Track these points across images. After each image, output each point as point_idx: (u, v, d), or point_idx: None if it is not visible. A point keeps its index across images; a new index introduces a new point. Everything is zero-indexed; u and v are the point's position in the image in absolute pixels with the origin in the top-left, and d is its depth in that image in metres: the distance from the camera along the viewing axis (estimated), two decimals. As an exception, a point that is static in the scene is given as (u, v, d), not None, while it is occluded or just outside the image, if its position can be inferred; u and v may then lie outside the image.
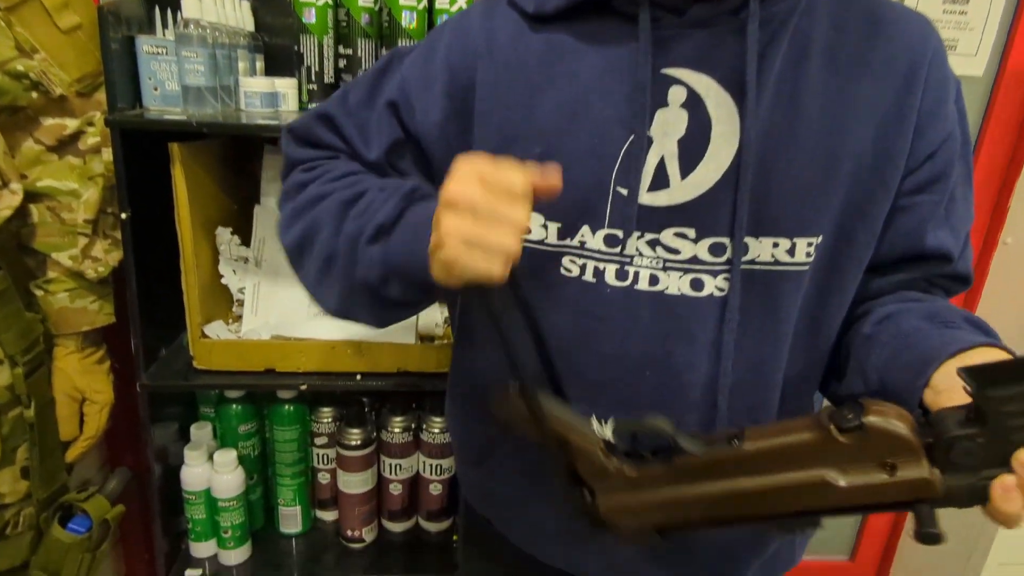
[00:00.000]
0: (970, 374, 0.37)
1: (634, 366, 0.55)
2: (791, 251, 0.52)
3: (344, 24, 0.99)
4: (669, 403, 0.55)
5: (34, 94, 0.81)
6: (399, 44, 0.95)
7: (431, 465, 1.10)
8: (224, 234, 0.96)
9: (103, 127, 0.86)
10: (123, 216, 0.84)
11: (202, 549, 1.06)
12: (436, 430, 1.08)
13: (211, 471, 1.02)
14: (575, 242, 0.54)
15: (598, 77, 0.53)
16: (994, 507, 0.38)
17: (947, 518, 0.39)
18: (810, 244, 0.53)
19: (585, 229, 0.54)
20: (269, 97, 0.95)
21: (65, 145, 0.85)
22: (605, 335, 0.55)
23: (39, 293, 0.88)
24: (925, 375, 0.47)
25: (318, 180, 0.57)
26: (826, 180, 0.52)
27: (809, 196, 0.51)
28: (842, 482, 0.40)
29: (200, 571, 1.05)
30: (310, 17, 0.97)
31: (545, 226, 0.55)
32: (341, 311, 0.58)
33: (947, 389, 0.44)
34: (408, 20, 0.94)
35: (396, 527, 1.15)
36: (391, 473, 1.10)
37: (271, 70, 1.08)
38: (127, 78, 0.85)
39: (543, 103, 0.54)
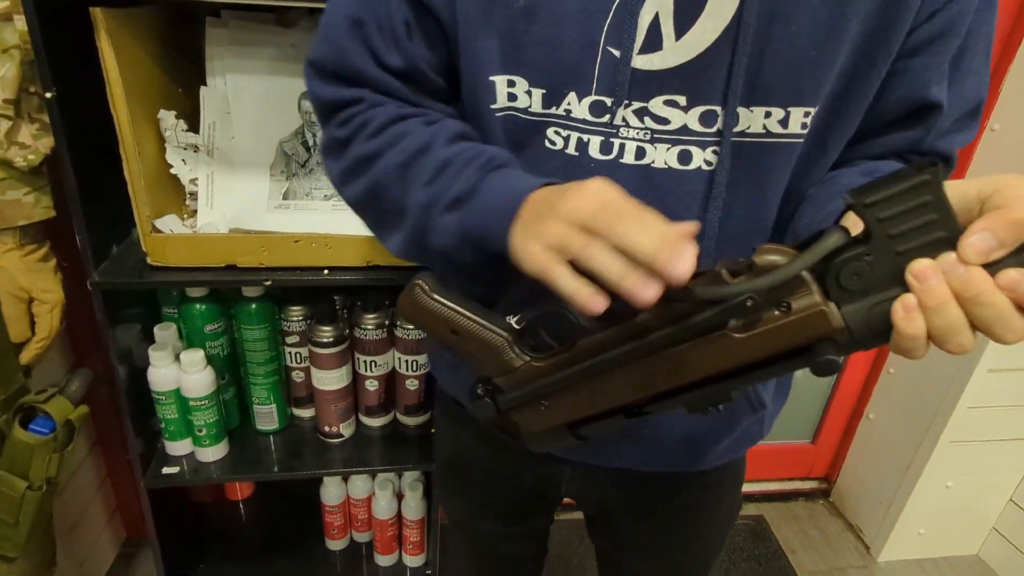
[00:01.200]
0: (851, 191, 0.34)
1: None
2: (783, 122, 0.48)
3: None
4: None
5: (-79, -54, 0.69)
6: None
7: (407, 361, 1.09)
8: (168, 118, 0.87)
9: (11, -11, 0.75)
10: (48, 96, 0.75)
11: (178, 448, 1.05)
12: (411, 326, 1.06)
13: (179, 371, 0.99)
14: (560, 111, 0.50)
15: None
16: (897, 332, 0.35)
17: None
18: (806, 115, 0.48)
19: (571, 96, 0.49)
20: (206, -42, 0.83)
21: (-31, 11, 0.74)
22: None
23: (-36, 184, 0.80)
24: (834, 217, 0.44)
25: (358, 136, 0.52)
26: (828, 45, 0.46)
27: (808, 62, 0.47)
28: (740, 334, 0.38)
29: (178, 468, 1.04)
30: None
31: (529, 92, 0.50)
32: (407, 258, 0.54)
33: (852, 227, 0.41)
34: None
35: (374, 422, 1.15)
36: (366, 370, 1.09)
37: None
38: (32, -72, 0.72)
39: None
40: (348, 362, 1.07)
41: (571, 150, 0.50)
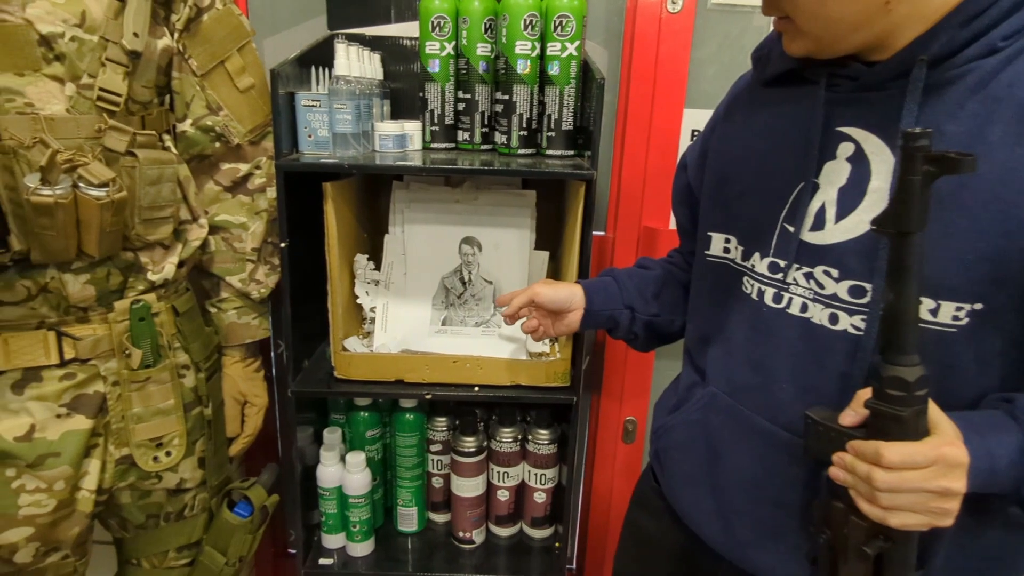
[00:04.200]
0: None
1: (774, 376, 0.63)
2: (934, 312, 0.54)
3: (464, 72, 1.11)
4: (796, 418, 0.61)
5: (217, 144, 0.97)
6: (513, 89, 1.06)
7: (536, 474, 1.18)
8: (362, 260, 1.09)
9: (269, 170, 1.01)
10: (283, 245, 0.99)
11: (333, 541, 1.18)
12: (542, 441, 1.16)
13: (343, 471, 1.14)
14: (749, 264, 0.66)
15: (783, 132, 0.64)
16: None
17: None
18: (959, 309, 0.53)
19: (756, 255, 0.65)
20: (399, 139, 1.08)
21: (238, 185, 1.01)
22: (758, 345, 0.65)
23: (213, 310, 1.03)
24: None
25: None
26: (988, 250, 0.51)
27: (963, 263, 0.52)
28: None
29: (332, 560, 1.17)
30: (434, 67, 1.10)
31: (737, 248, 0.68)
32: None
33: None
34: (523, 67, 1.04)
35: (502, 531, 1.23)
36: (499, 480, 1.19)
37: (395, 112, 1.22)
38: (288, 128, 0.99)
39: (743, 151, 0.68)
40: (485, 471, 1.18)
41: (754, 296, 0.65)
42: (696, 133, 1.29)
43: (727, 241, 0.70)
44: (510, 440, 1.17)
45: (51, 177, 0.74)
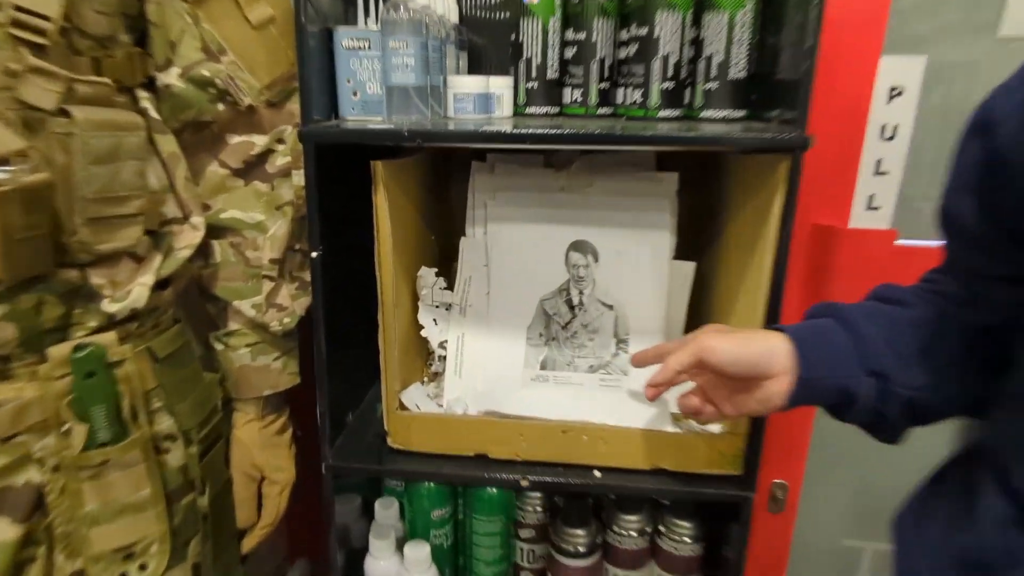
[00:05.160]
0: None
1: None
2: None
3: (576, 1, 0.77)
4: None
5: (220, 106, 0.66)
6: (654, 18, 0.70)
7: (672, 583, 0.82)
8: (428, 275, 0.76)
9: (294, 145, 0.70)
10: (314, 255, 0.67)
11: (387, 660, 0.86)
12: (682, 538, 0.80)
13: (399, 566, 0.82)
14: None
15: None
16: None
17: None
18: None
19: None
20: (482, 100, 0.74)
21: (252, 168, 0.70)
22: None
23: (218, 347, 0.73)
24: None
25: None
26: None
27: None
28: None
29: None
30: (534, -4, 0.76)
31: None
32: None
33: None
34: (670, -16, 0.68)
35: (620, 657, 0.88)
36: (617, 586, 0.84)
37: (473, 68, 0.88)
38: (323, 82, 0.67)
39: None
40: (598, 577, 0.83)
41: None
42: (897, 91, 0.90)
43: None
44: (635, 533, 0.81)
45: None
